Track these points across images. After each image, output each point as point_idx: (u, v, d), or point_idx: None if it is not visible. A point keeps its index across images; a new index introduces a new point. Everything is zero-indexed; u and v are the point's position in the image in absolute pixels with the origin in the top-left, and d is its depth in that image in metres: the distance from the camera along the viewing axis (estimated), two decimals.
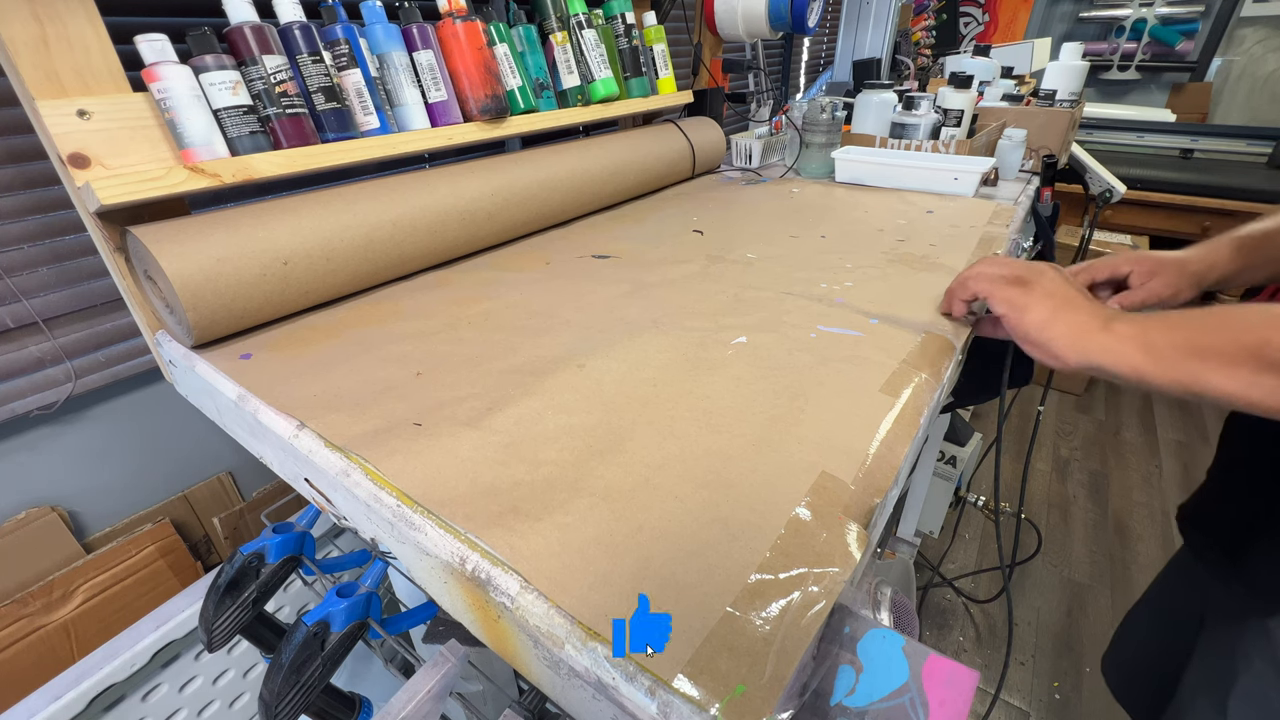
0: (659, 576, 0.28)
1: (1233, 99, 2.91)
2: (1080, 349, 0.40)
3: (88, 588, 0.76)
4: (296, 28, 0.52)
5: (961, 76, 1.02)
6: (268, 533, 0.56)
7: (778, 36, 1.14)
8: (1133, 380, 0.38)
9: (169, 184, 0.46)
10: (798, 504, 0.32)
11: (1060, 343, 0.41)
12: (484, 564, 0.29)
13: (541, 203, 0.73)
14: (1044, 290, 0.43)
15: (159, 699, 0.73)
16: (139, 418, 0.81)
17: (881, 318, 0.52)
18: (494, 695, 0.56)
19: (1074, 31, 3.21)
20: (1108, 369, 0.39)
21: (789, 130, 1.16)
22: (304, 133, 0.54)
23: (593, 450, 0.37)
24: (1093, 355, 0.40)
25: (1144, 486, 1.77)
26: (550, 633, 0.27)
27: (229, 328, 0.50)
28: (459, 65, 0.65)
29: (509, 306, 0.56)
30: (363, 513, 0.36)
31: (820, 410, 0.40)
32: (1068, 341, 0.41)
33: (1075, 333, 0.41)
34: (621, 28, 0.85)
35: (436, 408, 0.41)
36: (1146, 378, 0.38)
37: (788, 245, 0.71)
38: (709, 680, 0.24)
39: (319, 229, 0.53)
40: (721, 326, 0.51)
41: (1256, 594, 0.53)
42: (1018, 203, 0.86)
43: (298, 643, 0.47)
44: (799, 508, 0.32)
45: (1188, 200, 1.88)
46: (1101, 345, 0.39)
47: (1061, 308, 0.42)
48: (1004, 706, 1.22)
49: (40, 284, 0.69)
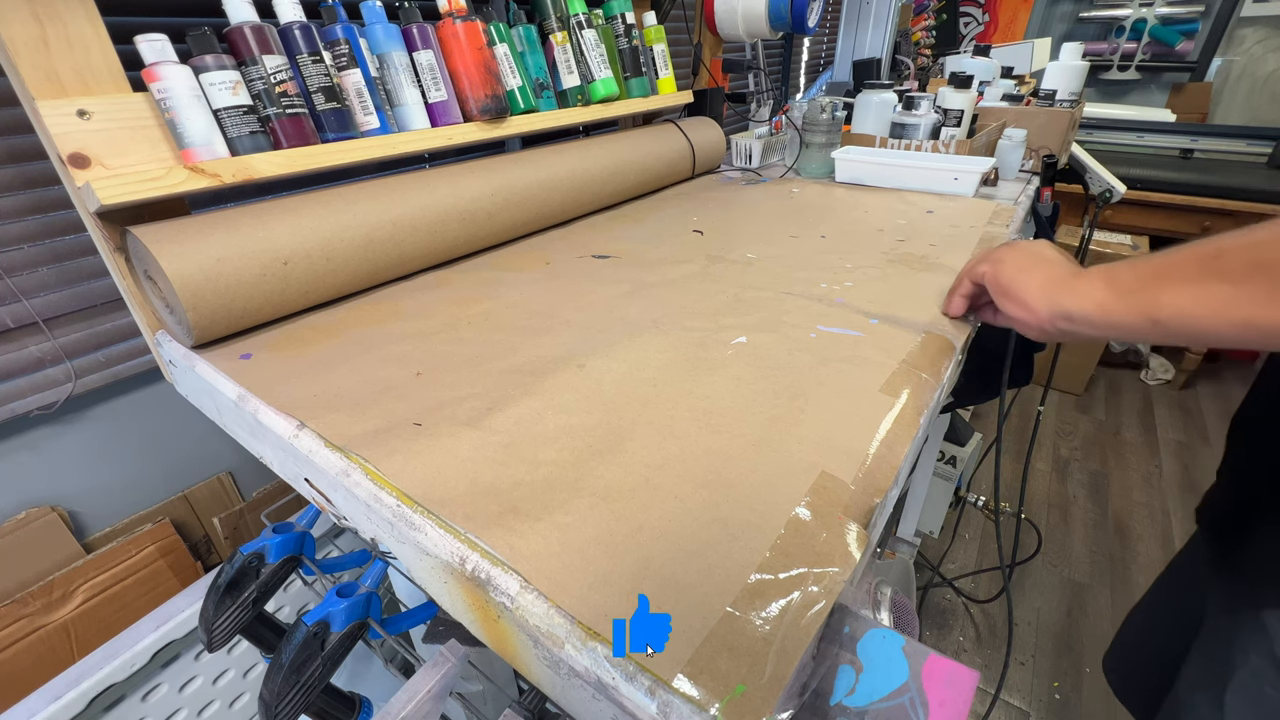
0: (659, 576, 0.28)
1: (1233, 99, 2.91)
2: (1049, 296, 0.41)
3: (88, 588, 0.76)
4: (296, 28, 0.52)
5: (961, 76, 1.02)
6: (268, 533, 0.56)
7: (778, 36, 1.14)
8: (1099, 321, 0.38)
9: (169, 184, 0.46)
10: (798, 504, 0.32)
11: (1031, 291, 0.42)
12: (484, 564, 0.29)
13: (541, 203, 0.73)
14: (1027, 249, 0.46)
15: (159, 699, 0.73)
16: (139, 418, 0.81)
17: (881, 318, 0.52)
18: (494, 695, 0.56)
19: (1074, 31, 3.21)
20: (1074, 313, 0.40)
21: (789, 130, 1.16)
22: (304, 133, 0.54)
23: (593, 450, 0.37)
24: (1060, 300, 0.40)
25: (1144, 486, 1.77)
26: (550, 633, 0.27)
27: (229, 328, 0.50)
28: (459, 65, 0.65)
29: (509, 306, 0.56)
30: (363, 513, 0.36)
31: (820, 410, 0.40)
32: (1038, 289, 0.42)
33: (1047, 283, 0.42)
34: (621, 28, 0.85)
35: (436, 408, 0.41)
36: (1110, 313, 0.38)
37: (788, 245, 0.71)
38: (709, 680, 0.24)
39: (319, 229, 0.53)
40: (721, 326, 0.51)
41: (1254, 589, 0.53)
42: (1018, 203, 0.86)
43: (298, 643, 0.47)
44: (799, 508, 0.32)
45: (1188, 200, 1.88)
46: (1069, 288, 0.40)
47: (1040, 263, 0.44)
48: (1004, 706, 1.22)
49: (40, 284, 0.69)
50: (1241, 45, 2.84)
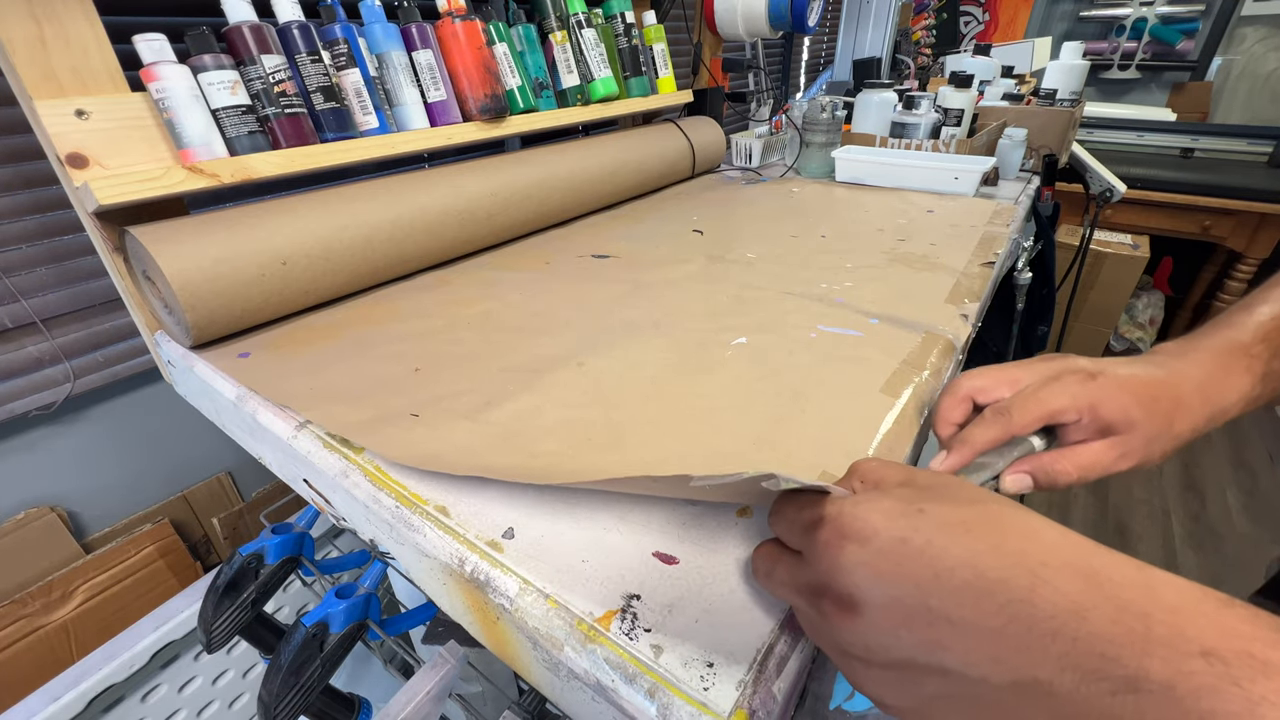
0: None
1: (1233, 98, 2.90)
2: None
3: (87, 588, 0.76)
4: (295, 27, 0.52)
5: (962, 76, 1.02)
6: (267, 533, 0.56)
7: (778, 36, 1.14)
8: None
9: (167, 184, 0.46)
10: None
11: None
12: (483, 565, 0.29)
13: (541, 203, 0.73)
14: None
15: (158, 699, 0.73)
16: (138, 418, 0.81)
17: (882, 318, 0.52)
18: (493, 696, 0.56)
19: (1074, 30, 3.20)
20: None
21: (789, 130, 1.15)
22: (303, 132, 0.54)
23: (592, 447, 0.36)
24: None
25: (1144, 485, 1.77)
26: (549, 634, 0.26)
27: (228, 328, 0.49)
28: (458, 65, 0.65)
29: (509, 306, 0.56)
30: (361, 514, 0.36)
31: (820, 410, 0.39)
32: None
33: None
34: (621, 27, 0.85)
35: (434, 401, 0.41)
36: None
37: (788, 245, 0.70)
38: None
39: (318, 229, 0.53)
40: (721, 326, 0.51)
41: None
42: (1018, 202, 0.86)
43: (297, 644, 0.47)
44: None
45: (1188, 199, 1.88)
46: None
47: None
48: None
49: (39, 284, 0.68)
50: (1242, 44, 2.83)
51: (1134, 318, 2.18)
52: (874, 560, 0.20)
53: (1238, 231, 1.87)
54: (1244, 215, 1.83)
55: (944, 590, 0.18)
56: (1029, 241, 0.95)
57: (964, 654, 0.18)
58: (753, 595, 0.27)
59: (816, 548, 0.22)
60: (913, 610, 0.19)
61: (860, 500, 0.22)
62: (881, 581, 0.19)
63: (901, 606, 0.19)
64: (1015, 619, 0.17)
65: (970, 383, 0.33)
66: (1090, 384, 0.30)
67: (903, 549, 0.19)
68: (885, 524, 0.20)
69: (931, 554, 0.19)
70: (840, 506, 0.22)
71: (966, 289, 0.57)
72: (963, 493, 0.21)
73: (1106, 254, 1.89)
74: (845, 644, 0.21)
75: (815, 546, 0.22)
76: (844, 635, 0.21)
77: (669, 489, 0.28)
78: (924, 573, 0.19)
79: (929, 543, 0.19)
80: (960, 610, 0.18)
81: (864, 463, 0.25)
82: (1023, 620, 0.17)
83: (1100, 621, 0.16)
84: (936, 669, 0.19)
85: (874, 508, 0.21)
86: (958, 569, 0.19)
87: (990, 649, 0.18)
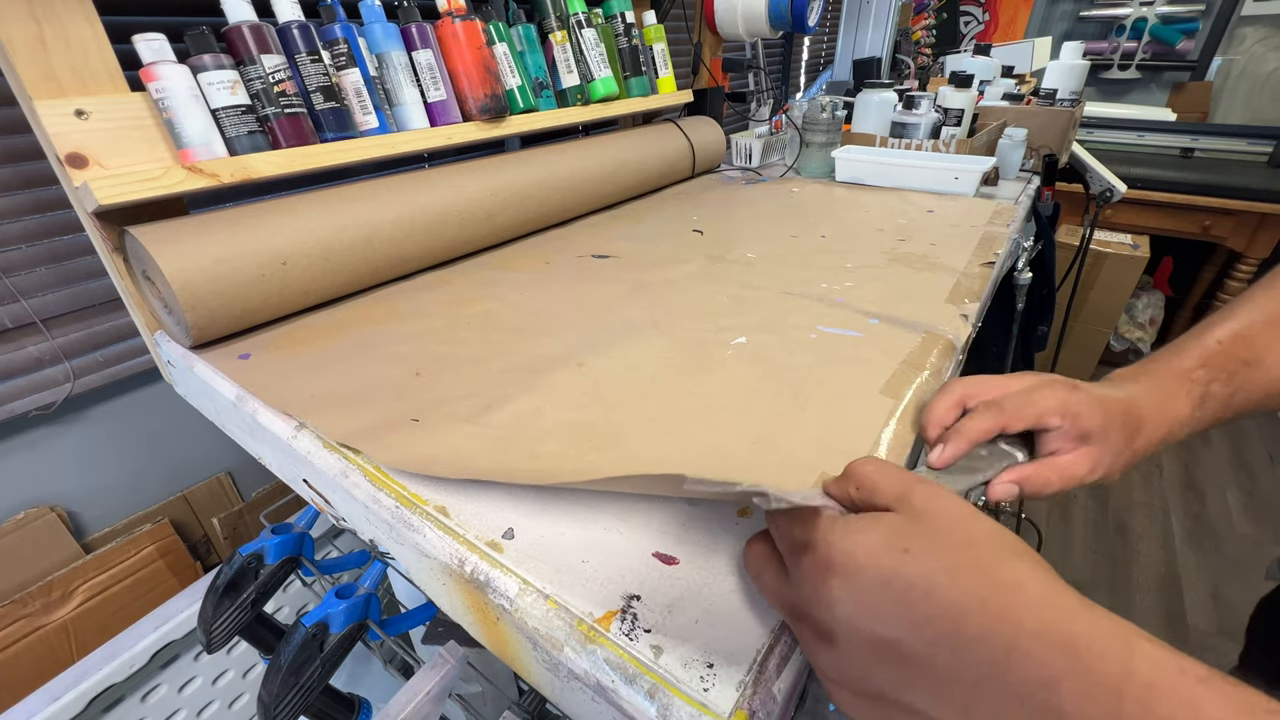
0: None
1: (1233, 98, 2.90)
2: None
3: (87, 588, 0.76)
4: (295, 27, 0.52)
5: (962, 76, 1.02)
6: (266, 533, 0.56)
7: (778, 35, 1.14)
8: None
9: (167, 184, 0.46)
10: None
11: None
12: (483, 565, 0.29)
13: (541, 202, 0.73)
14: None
15: (158, 699, 0.73)
16: (138, 418, 0.81)
17: (882, 318, 0.52)
18: (493, 697, 0.56)
19: (1074, 30, 3.20)
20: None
21: (789, 130, 1.15)
22: (302, 132, 0.54)
23: (592, 446, 0.36)
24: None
25: (1144, 486, 1.77)
26: (549, 635, 0.26)
27: (227, 328, 0.49)
28: (458, 65, 0.65)
29: (509, 306, 0.56)
30: (361, 514, 0.36)
31: (820, 410, 0.39)
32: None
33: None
34: (621, 27, 0.85)
35: (435, 405, 0.41)
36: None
37: (788, 245, 0.70)
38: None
39: (318, 229, 0.53)
40: (721, 326, 0.51)
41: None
42: (1018, 202, 0.86)
43: (296, 644, 0.47)
44: None
45: (1188, 199, 1.88)
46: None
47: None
48: None
49: (38, 284, 0.68)
50: (1242, 44, 2.83)
51: (1134, 318, 2.18)
52: (854, 599, 0.20)
53: (1238, 231, 1.87)
54: (1244, 215, 1.83)
55: (920, 640, 0.19)
56: (1029, 241, 0.95)
57: (934, 698, 0.19)
58: (753, 596, 0.27)
59: (801, 572, 0.22)
60: (886, 651, 0.19)
61: (849, 530, 0.21)
62: (859, 620, 0.20)
63: (876, 646, 0.20)
64: (988, 678, 0.18)
65: (962, 389, 0.34)
66: (1074, 393, 0.32)
67: (883, 592, 0.20)
68: (869, 562, 0.20)
69: (911, 600, 0.19)
70: (828, 535, 0.21)
71: (966, 289, 0.57)
72: (954, 529, 0.21)
73: (1106, 254, 1.88)
74: (822, 666, 0.22)
75: (800, 570, 0.22)
76: (820, 660, 0.22)
77: (663, 487, 0.28)
78: (901, 619, 0.19)
79: (910, 588, 0.19)
80: (934, 660, 0.19)
81: (861, 465, 0.25)
82: (994, 680, 0.18)
83: (1071, 695, 0.17)
84: (906, 706, 0.19)
85: (860, 541, 0.21)
86: (936, 620, 0.19)
87: (961, 699, 0.18)
